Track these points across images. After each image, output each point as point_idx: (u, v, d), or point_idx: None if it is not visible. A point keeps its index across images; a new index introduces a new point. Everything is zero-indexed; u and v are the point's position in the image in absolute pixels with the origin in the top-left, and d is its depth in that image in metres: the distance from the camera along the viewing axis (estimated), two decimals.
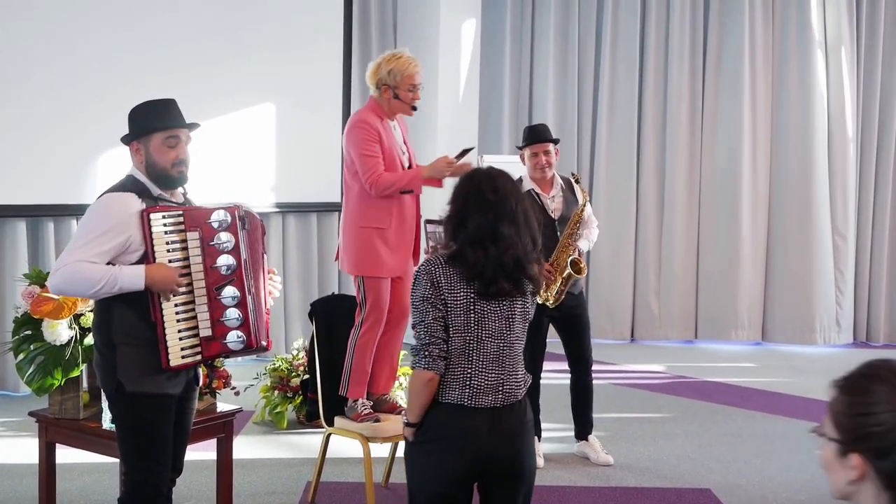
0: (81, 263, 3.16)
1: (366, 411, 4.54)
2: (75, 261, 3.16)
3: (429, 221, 4.39)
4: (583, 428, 5.57)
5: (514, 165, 9.09)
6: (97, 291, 3.18)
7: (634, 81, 9.43)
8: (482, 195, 3.00)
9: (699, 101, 9.48)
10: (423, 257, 4.64)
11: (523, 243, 3.01)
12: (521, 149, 5.44)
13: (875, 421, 1.70)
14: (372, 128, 4.49)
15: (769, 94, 9.40)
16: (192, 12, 7.50)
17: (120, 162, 6.14)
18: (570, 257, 5.21)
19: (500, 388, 3.01)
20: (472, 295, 2.98)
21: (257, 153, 8.04)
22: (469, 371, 2.98)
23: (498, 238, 2.96)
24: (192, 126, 3.43)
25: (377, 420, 4.52)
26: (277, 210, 8.21)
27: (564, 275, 5.20)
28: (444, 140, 8.71)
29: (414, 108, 4.61)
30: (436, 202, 6.08)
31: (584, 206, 5.31)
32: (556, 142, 5.43)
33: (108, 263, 3.20)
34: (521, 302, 3.07)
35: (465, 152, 4.57)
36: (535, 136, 5.37)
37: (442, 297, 2.97)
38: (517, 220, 3.00)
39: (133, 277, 3.19)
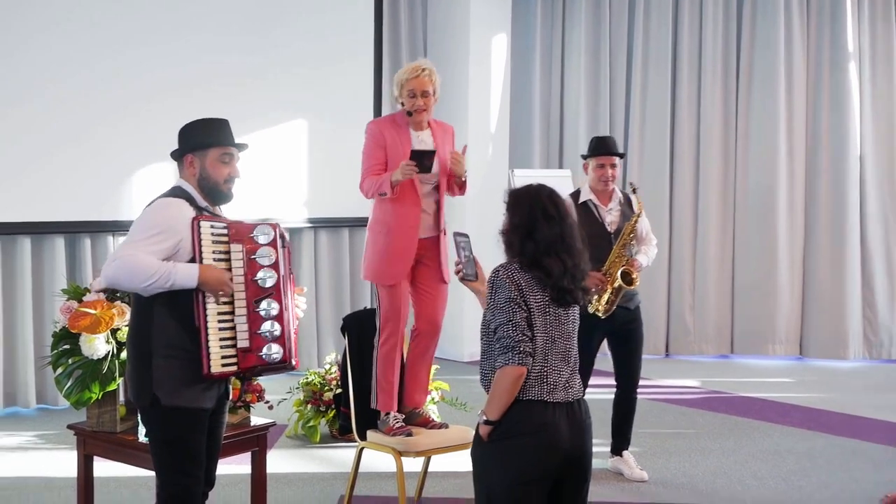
0: (140, 255, 3.21)
1: (398, 425, 4.54)
2: (132, 253, 3.22)
3: (457, 234, 4.35)
4: (619, 444, 5.54)
5: (550, 180, 9.09)
6: (151, 284, 3.22)
7: (667, 96, 9.39)
8: (546, 209, 3.20)
9: (732, 115, 9.42)
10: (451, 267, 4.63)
11: (585, 257, 3.24)
12: (585, 158, 5.42)
13: None
14: (377, 132, 4.64)
15: (804, 108, 9.31)
16: (226, 30, 7.58)
17: (155, 177, 6.22)
18: (622, 268, 5.18)
19: (568, 385, 3.19)
20: (547, 299, 3.16)
21: (289, 169, 8.10)
22: (546, 369, 3.15)
23: (570, 250, 3.18)
24: (242, 147, 3.54)
25: (409, 434, 4.51)
26: (310, 225, 8.26)
27: (615, 285, 5.17)
28: (475, 155, 8.73)
29: (409, 114, 4.62)
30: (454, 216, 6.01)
31: (639, 215, 5.28)
32: (622, 156, 5.40)
33: None
34: (577, 308, 3.29)
35: (420, 154, 4.48)
36: (604, 148, 5.34)
37: (524, 298, 3.13)
38: (577, 235, 3.23)
39: (187, 275, 3.25)
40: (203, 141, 3.44)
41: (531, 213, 3.19)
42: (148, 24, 7.14)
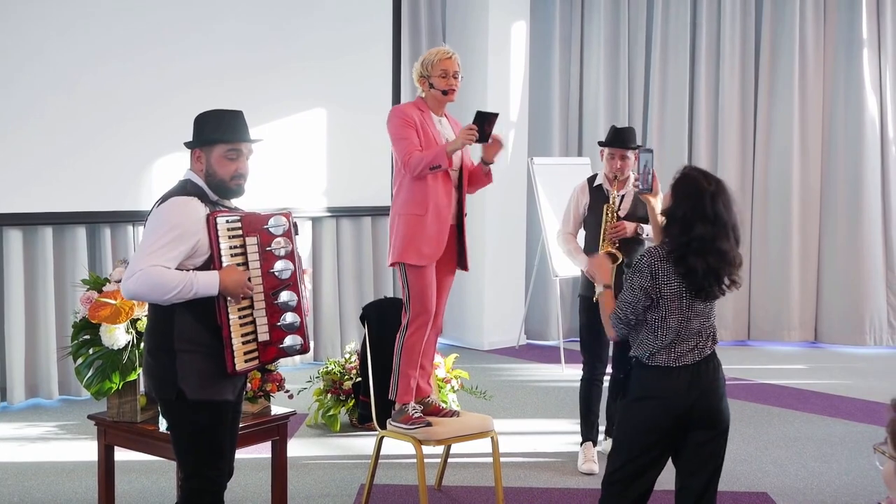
0: (157, 268, 3.14)
1: (416, 415, 4.53)
2: (150, 265, 3.15)
3: (643, 149, 4.56)
4: (614, 425, 5.48)
5: (569, 168, 9.07)
6: (173, 297, 3.17)
7: (685, 83, 9.36)
8: (705, 211, 3.44)
9: (751, 102, 9.38)
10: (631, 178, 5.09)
11: (732, 255, 3.49)
12: (601, 146, 5.40)
13: None
14: (406, 115, 4.55)
15: (820, 97, 9.29)
16: (245, 20, 7.59)
17: (174, 168, 6.25)
18: (606, 250, 5.08)
19: (695, 348, 3.54)
20: (684, 287, 3.47)
21: (309, 158, 8.10)
22: (676, 342, 3.51)
23: (717, 252, 3.44)
24: (254, 141, 3.45)
25: (428, 424, 4.51)
26: (330, 214, 8.27)
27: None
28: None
29: (444, 93, 4.57)
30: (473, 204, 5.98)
31: (616, 207, 5.22)
32: (636, 148, 5.33)
33: (177, 268, 3.21)
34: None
35: (484, 116, 4.39)
36: (614, 140, 5.33)
37: (658, 287, 3.47)
38: (731, 236, 3.48)
39: (208, 283, 3.20)
40: (209, 136, 3.35)
41: (693, 211, 3.42)
42: (167, 18, 7.15)
